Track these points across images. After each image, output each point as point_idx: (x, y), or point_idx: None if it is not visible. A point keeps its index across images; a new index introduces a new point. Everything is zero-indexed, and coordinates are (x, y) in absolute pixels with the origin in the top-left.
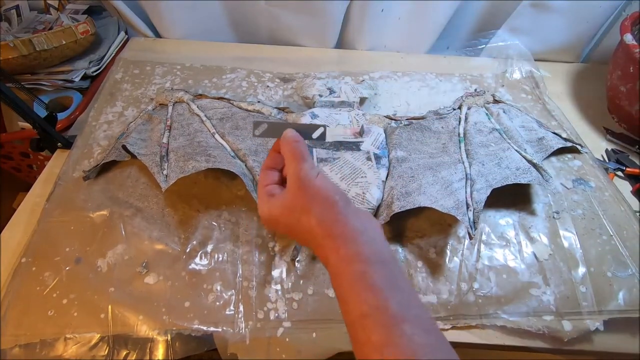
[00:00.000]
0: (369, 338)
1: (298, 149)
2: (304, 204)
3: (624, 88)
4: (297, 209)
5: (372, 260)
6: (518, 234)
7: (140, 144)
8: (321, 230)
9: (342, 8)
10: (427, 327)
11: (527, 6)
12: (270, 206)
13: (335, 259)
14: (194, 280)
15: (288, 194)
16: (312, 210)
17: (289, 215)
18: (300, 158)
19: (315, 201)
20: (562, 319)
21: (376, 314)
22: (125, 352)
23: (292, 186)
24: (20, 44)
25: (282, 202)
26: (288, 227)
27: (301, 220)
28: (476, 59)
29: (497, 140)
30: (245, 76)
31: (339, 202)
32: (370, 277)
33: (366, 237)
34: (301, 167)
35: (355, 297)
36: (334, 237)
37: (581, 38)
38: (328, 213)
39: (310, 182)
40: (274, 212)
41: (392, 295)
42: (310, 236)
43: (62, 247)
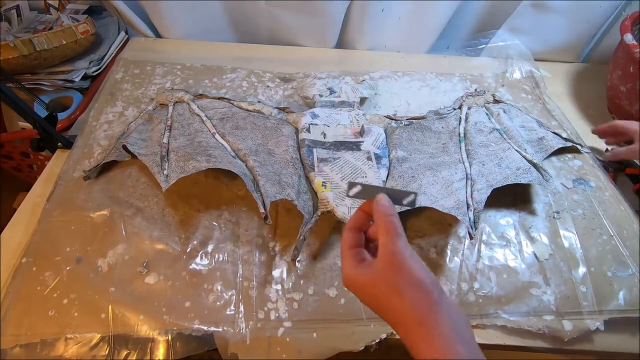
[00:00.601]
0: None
1: (393, 222)
2: (396, 283)
3: (624, 88)
4: (388, 286)
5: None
6: (518, 234)
7: (140, 144)
8: (414, 316)
9: (342, 8)
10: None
11: (527, 6)
12: (358, 272)
13: (428, 348)
14: (194, 280)
15: (379, 267)
16: (406, 294)
17: (376, 288)
18: (395, 233)
19: (409, 285)
20: (563, 318)
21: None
22: (125, 352)
23: (385, 260)
24: (20, 44)
25: (372, 272)
26: (374, 299)
27: (391, 300)
28: (476, 58)
29: (497, 140)
30: (245, 76)
31: (434, 292)
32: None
33: (461, 335)
34: (395, 242)
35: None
36: (429, 327)
37: (581, 38)
38: (422, 301)
39: (405, 262)
40: (361, 279)
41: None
42: (401, 319)
43: (62, 247)
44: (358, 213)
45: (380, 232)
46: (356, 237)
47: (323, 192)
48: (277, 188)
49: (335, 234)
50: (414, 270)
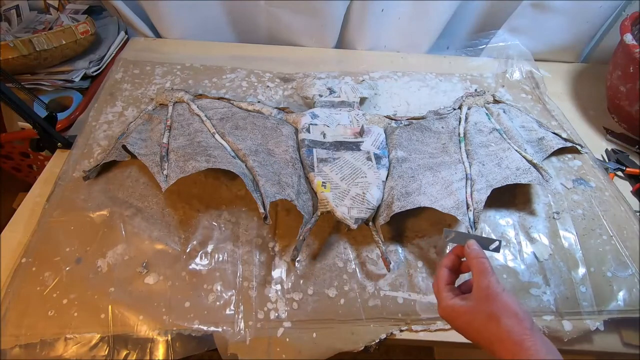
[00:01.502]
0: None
1: (485, 263)
2: (492, 312)
3: (624, 88)
4: (484, 315)
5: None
6: (518, 234)
7: (140, 144)
8: (512, 338)
9: (342, 8)
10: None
11: (527, 6)
12: (456, 303)
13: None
14: (194, 280)
15: (475, 300)
16: (502, 320)
17: (472, 317)
18: (488, 272)
19: (504, 313)
20: (562, 318)
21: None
22: (125, 352)
23: (480, 294)
24: (20, 44)
25: (468, 305)
26: (472, 327)
27: (488, 327)
28: (476, 59)
29: (497, 140)
30: (245, 76)
31: (526, 320)
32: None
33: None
34: (489, 279)
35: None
36: (526, 348)
37: (581, 38)
38: (517, 326)
39: (499, 295)
40: (458, 310)
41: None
42: (497, 341)
43: (62, 247)
44: (451, 256)
45: (474, 272)
46: (451, 275)
47: (323, 192)
48: (277, 188)
49: (334, 234)
50: (508, 302)
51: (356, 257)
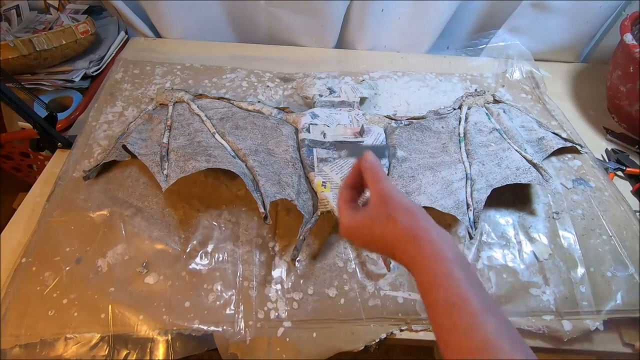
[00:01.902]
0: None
1: (379, 171)
2: (388, 214)
3: (624, 88)
4: (381, 219)
5: (455, 260)
6: (518, 234)
7: (140, 144)
8: (406, 234)
9: (342, 8)
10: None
11: (527, 6)
12: (354, 218)
13: (421, 257)
14: (194, 280)
15: (372, 207)
16: (397, 219)
17: (372, 225)
18: (383, 178)
19: (399, 211)
20: (562, 318)
21: (463, 303)
22: (125, 352)
23: (376, 201)
24: (20, 44)
25: (365, 214)
26: (371, 236)
27: (386, 228)
28: (476, 59)
29: (497, 140)
30: (245, 76)
31: (420, 213)
32: (455, 273)
33: (446, 242)
34: (382, 185)
35: (442, 290)
36: (419, 239)
37: (581, 38)
38: (412, 221)
39: (393, 196)
40: (357, 224)
41: (475, 290)
42: (396, 241)
43: (62, 247)
44: (352, 171)
45: (369, 182)
46: (352, 193)
47: (323, 192)
48: (277, 188)
49: (334, 234)
50: (400, 200)
51: (356, 256)
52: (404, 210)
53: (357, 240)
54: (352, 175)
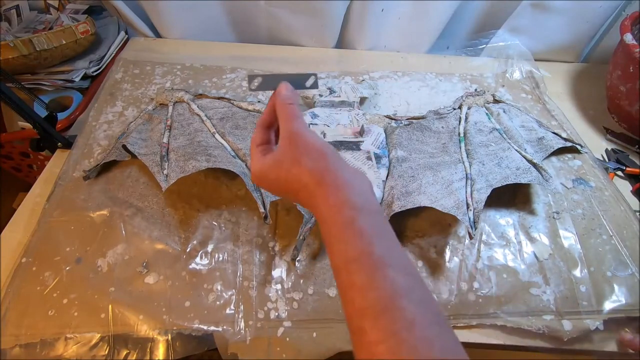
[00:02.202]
0: (353, 282)
1: (291, 109)
2: (295, 156)
3: (624, 88)
4: (288, 161)
5: (360, 208)
6: (518, 234)
7: (140, 144)
8: (312, 179)
9: (342, 8)
10: (409, 271)
11: (527, 6)
12: (263, 163)
13: (325, 206)
14: (194, 280)
15: (279, 149)
16: (303, 161)
17: (279, 168)
18: (294, 117)
19: (306, 153)
20: (562, 318)
21: (361, 258)
22: (125, 352)
23: (284, 141)
24: (20, 44)
25: (273, 157)
26: (277, 180)
27: (291, 171)
28: (476, 59)
29: (497, 140)
30: (245, 76)
31: (329, 155)
32: (357, 224)
33: (355, 187)
34: (293, 124)
35: (342, 243)
36: (325, 186)
37: (581, 38)
38: (319, 163)
39: (302, 136)
40: (265, 167)
41: (377, 241)
42: (300, 185)
43: (62, 247)
44: (267, 108)
45: (280, 120)
46: (265, 134)
47: None
48: None
49: None
50: (310, 140)
51: None
52: (313, 152)
53: (266, 185)
54: (267, 113)
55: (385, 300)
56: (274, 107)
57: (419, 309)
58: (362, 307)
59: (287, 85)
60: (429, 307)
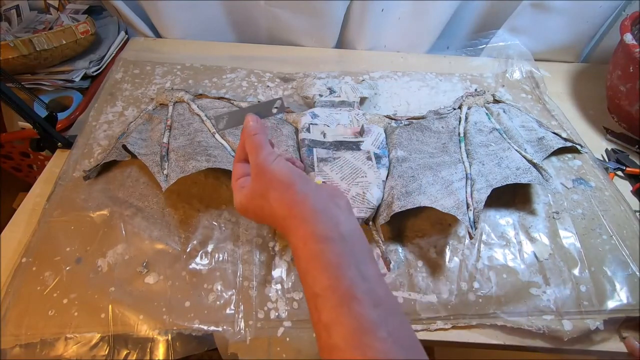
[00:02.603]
0: (319, 318)
1: (256, 140)
2: (262, 190)
3: (624, 88)
4: (257, 195)
5: (328, 238)
6: (518, 234)
7: (140, 144)
8: (281, 212)
9: (342, 8)
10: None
11: (527, 6)
12: (241, 197)
13: (294, 239)
14: (194, 280)
15: (251, 183)
16: (270, 194)
17: (252, 202)
18: (259, 147)
19: (272, 185)
20: (562, 318)
21: (326, 294)
22: (125, 352)
23: (253, 174)
24: (20, 44)
25: (248, 190)
26: (255, 213)
27: (263, 206)
28: (476, 58)
29: (497, 140)
30: (245, 76)
31: (296, 183)
32: (324, 256)
33: (324, 215)
34: (259, 155)
35: (310, 278)
36: (293, 218)
37: (581, 38)
38: (285, 195)
39: (267, 167)
40: (244, 200)
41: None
42: (272, 218)
43: (62, 247)
44: (240, 145)
45: (248, 152)
46: (241, 168)
47: None
48: None
49: None
50: (276, 172)
51: None
52: (278, 184)
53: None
54: (240, 147)
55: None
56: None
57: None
58: (329, 345)
59: (252, 117)
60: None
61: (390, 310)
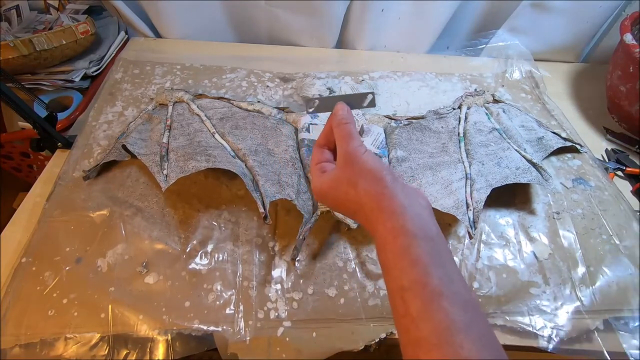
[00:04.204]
0: (407, 310)
1: (347, 129)
2: (350, 177)
3: (624, 88)
4: (344, 182)
5: (417, 235)
6: (518, 234)
7: (140, 144)
8: (368, 202)
9: (342, 8)
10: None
11: (527, 6)
12: (322, 182)
13: (382, 230)
14: (194, 280)
15: (337, 170)
16: (359, 183)
17: (336, 188)
18: (349, 137)
19: (362, 175)
20: (562, 318)
21: (415, 287)
22: (125, 352)
23: (341, 161)
24: (20, 44)
25: (331, 176)
26: (336, 200)
27: (348, 193)
28: (476, 58)
29: (497, 139)
30: (245, 76)
31: (386, 177)
32: (413, 252)
33: (412, 212)
34: (349, 144)
35: (397, 270)
36: (381, 210)
37: (581, 38)
38: (375, 186)
39: (358, 157)
40: (324, 186)
41: (433, 270)
42: (357, 207)
43: (62, 247)
44: (325, 129)
45: (337, 140)
46: (322, 153)
47: None
48: (277, 188)
49: (334, 233)
50: (366, 162)
51: (356, 256)
52: (369, 174)
53: (327, 203)
54: (324, 133)
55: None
56: (330, 128)
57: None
58: (417, 338)
59: (343, 106)
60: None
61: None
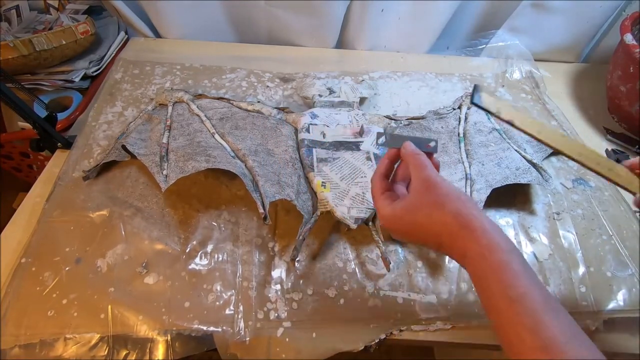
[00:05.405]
0: (520, 321)
1: (422, 159)
2: (435, 201)
3: (624, 88)
4: (426, 205)
5: (511, 251)
6: (518, 234)
7: (140, 144)
8: (456, 222)
9: (342, 8)
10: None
11: (527, 6)
12: (393, 208)
13: (476, 248)
14: (194, 280)
15: (414, 195)
16: (447, 205)
17: (415, 213)
18: (424, 166)
19: (448, 198)
20: None
21: (523, 300)
22: (125, 352)
23: (419, 188)
24: (20, 44)
25: (407, 202)
26: (413, 224)
27: (433, 216)
28: (476, 59)
29: (497, 140)
30: (245, 76)
31: (469, 201)
32: (511, 266)
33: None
34: (425, 171)
35: (500, 284)
36: (473, 229)
37: (581, 38)
38: (463, 208)
39: (440, 182)
40: (398, 212)
41: (534, 285)
42: (444, 228)
43: (62, 247)
44: (384, 161)
45: (411, 168)
46: (386, 182)
47: (322, 192)
48: (277, 188)
49: (334, 233)
50: (450, 187)
51: (356, 257)
52: (453, 197)
53: (399, 229)
54: (386, 165)
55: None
56: (392, 159)
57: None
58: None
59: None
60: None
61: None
